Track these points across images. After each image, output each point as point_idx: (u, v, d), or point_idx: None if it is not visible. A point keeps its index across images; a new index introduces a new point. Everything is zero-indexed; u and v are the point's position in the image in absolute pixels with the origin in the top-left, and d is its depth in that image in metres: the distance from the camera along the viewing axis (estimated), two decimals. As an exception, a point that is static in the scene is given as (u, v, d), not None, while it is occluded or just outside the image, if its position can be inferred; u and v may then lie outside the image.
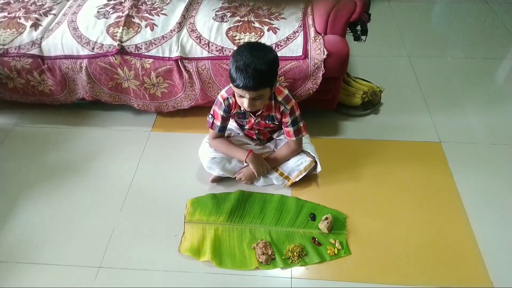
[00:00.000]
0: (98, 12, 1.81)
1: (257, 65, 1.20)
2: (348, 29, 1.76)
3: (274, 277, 1.33)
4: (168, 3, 1.86)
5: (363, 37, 1.93)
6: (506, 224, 1.46)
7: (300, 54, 1.60)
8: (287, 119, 1.44)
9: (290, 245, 1.39)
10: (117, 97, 1.83)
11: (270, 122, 1.50)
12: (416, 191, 1.58)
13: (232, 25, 1.71)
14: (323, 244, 1.40)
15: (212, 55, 1.63)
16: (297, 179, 1.58)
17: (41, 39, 1.74)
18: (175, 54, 1.64)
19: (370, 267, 1.34)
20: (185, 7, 1.82)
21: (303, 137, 1.54)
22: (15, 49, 1.72)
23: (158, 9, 1.81)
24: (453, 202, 1.54)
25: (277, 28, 1.68)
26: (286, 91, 1.43)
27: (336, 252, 1.38)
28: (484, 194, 1.56)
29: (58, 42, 1.70)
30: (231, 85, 1.32)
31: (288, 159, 1.58)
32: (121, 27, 1.70)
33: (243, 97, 1.28)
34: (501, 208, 1.51)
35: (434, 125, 1.87)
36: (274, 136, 1.66)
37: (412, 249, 1.39)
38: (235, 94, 1.33)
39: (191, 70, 1.66)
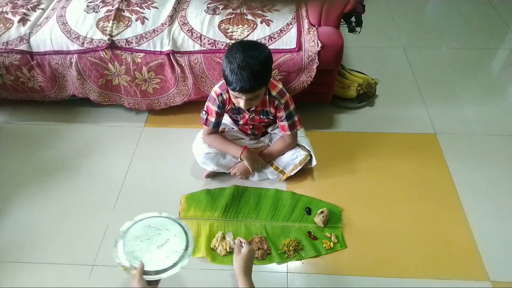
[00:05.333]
0: (87, 6, 1.77)
1: (252, 67, 1.17)
2: (342, 20, 1.74)
3: (270, 272, 1.33)
4: (159, -4, 1.83)
5: (357, 29, 1.91)
6: (502, 215, 1.46)
7: (294, 46, 1.58)
8: (282, 114, 1.43)
9: (286, 239, 1.39)
10: (107, 96, 1.80)
11: (264, 117, 1.48)
12: (412, 183, 1.58)
13: (224, 18, 1.68)
14: (319, 238, 1.40)
15: (205, 48, 1.61)
16: (292, 173, 1.57)
17: (29, 35, 1.70)
18: (167, 48, 1.62)
19: (366, 260, 1.34)
20: (176, 0, 1.78)
21: (298, 131, 1.52)
22: (3, 45, 1.69)
23: (149, 2, 1.78)
24: (448, 193, 1.53)
25: (270, 20, 1.66)
26: (280, 85, 1.41)
27: (332, 246, 1.37)
28: (479, 185, 1.56)
29: (47, 37, 1.67)
30: (222, 82, 1.30)
31: (283, 153, 1.56)
32: (111, 21, 1.66)
33: (239, 97, 1.27)
34: (497, 199, 1.51)
35: (429, 116, 1.87)
36: (269, 130, 1.65)
37: (408, 242, 1.38)
38: (231, 95, 1.31)
39: (183, 64, 1.64)
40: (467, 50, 2.32)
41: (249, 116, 1.46)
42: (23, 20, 1.74)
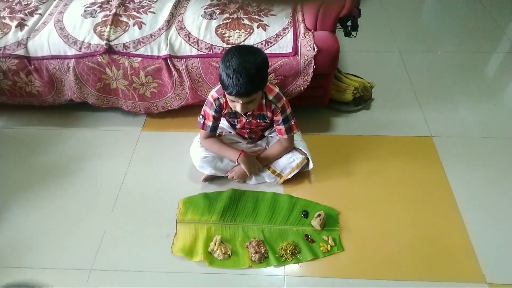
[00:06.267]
0: (85, 11, 1.78)
1: (248, 71, 1.18)
2: (338, 24, 1.75)
3: (268, 276, 1.33)
4: (156, 1, 1.84)
5: (353, 33, 1.93)
6: (498, 218, 1.46)
7: (290, 50, 1.59)
8: (279, 117, 1.43)
9: (283, 243, 1.39)
10: (105, 99, 1.80)
11: (261, 121, 1.49)
12: (408, 186, 1.58)
13: (221, 23, 1.69)
14: (316, 241, 1.40)
15: (202, 53, 1.62)
16: (289, 177, 1.57)
17: (27, 40, 1.71)
18: (164, 52, 1.62)
19: (363, 263, 1.35)
20: (173, 5, 1.79)
21: (295, 134, 1.53)
22: (0, 50, 1.69)
23: (146, 7, 1.79)
24: (445, 196, 1.54)
25: (267, 25, 1.67)
26: (276, 89, 1.42)
27: (329, 249, 1.38)
28: (476, 188, 1.57)
29: (45, 42, 1.68)
30: (219, 86, 1.31)
31: (280, 157, 1.57)
32: (108, 26, 1.67)
33: (235, 102, 1.27)
34: (493, 202, 1.51)
35: (425, 119, 1.88)
36: (266, 133, 1.65)
37: (405, 245, 1.39)
38: (227, 99, 1.32)
39: (180, 69, 1.65)
40: (462, 53, 2.34)
41: (246, 120, 1.47)
42: (20, 25, 1.75)
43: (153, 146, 1.79)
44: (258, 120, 1.48)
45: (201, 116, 1.48)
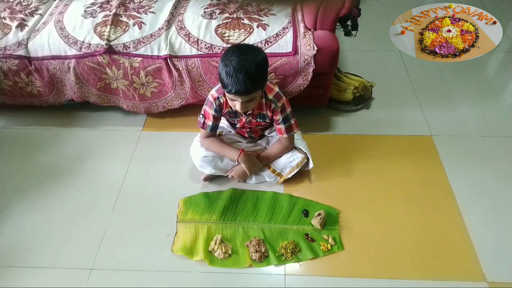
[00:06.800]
0: (85, 11, 1.79)
1: (247, 70, 1.18)
2: (338, 24, 1.75)
3: (268, 275, 1.33)
4: (156, 1, 1.84)
5: (353, 32, 1.92)
6: (498, 216, 1.46)
7: (290, 50, 1.59)
8: (279, 117, 1.44)
9: (283, 242, 1.39)
10: (106, 98, 1.81)
11: (261, 120, 1.49)
12: (408, 185, 1.59)
13: (221, 22, 1.70)
14: (316, 240, 1.40)
15: (202, 52, 1.62)
16: (289, 176, 1.57)
17: (27, 40, 1.71)
18: (164, 52, 1.63)
19: (363, 262, 1.35)
20: (173, 5, 1.80)
21: (295, 134, 1.53)
22: (1, 50, 1.70)
23: (146, 7, 1.79)
24: (445, 195, 1.54)
25: (267, 25, 1.67)
26: (276, 89, 1.42)
27: (329, 248, 1.38)
28: (476, 187, 1.57)
29: (45, 43, 1.68)
30: (219, 86, 1.31)
31: (280, 156, 1.57)
32: (108, 26, 1.68)
33: (235, 100, 1.28)
34: (493, 201, 1.52)
35: (425, 118, 1.88)
36: (266, 133, 1.65)
37: (405, 244, 1.39)
38: (227, 98, 1.33)
39: (180, 69, 1.65)
40: (462, 52, 2.34)
41: (246, 119, 1.47)
42: (21, 26, 1.76)
43: (154, 146, 1.79)
44: (258, 120, 1.48)
45: (201, 116, 1.48)
